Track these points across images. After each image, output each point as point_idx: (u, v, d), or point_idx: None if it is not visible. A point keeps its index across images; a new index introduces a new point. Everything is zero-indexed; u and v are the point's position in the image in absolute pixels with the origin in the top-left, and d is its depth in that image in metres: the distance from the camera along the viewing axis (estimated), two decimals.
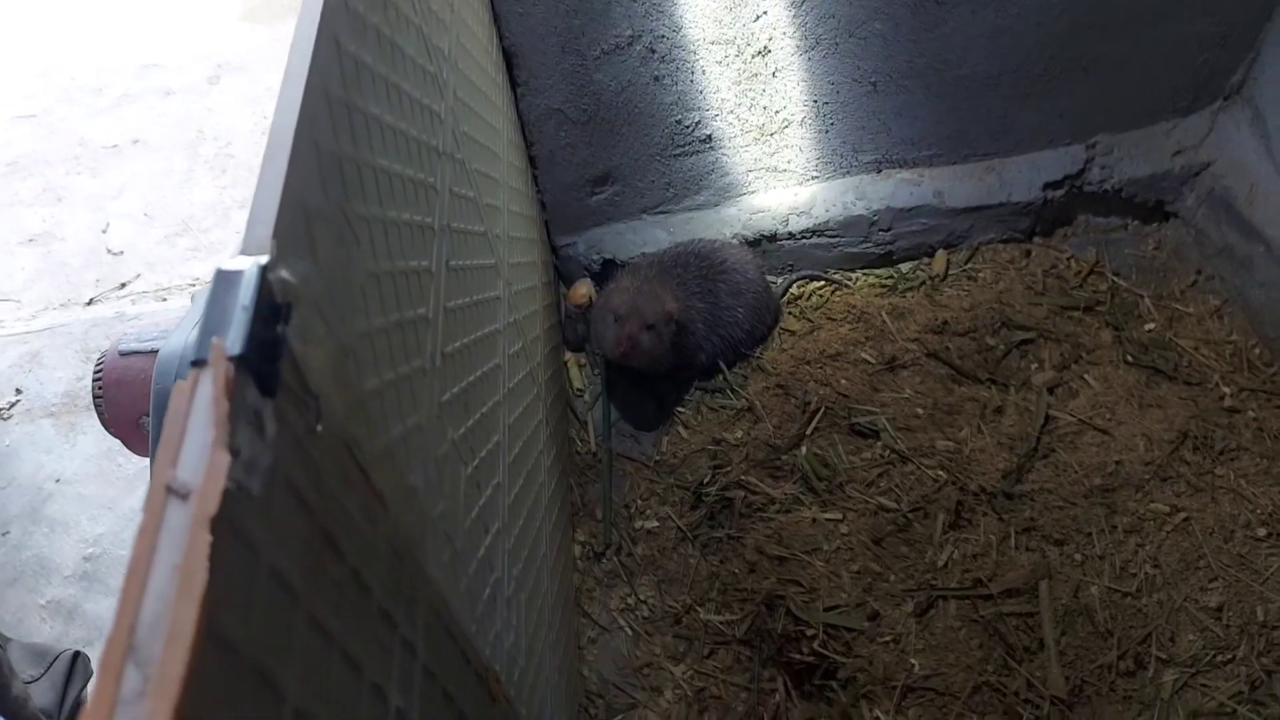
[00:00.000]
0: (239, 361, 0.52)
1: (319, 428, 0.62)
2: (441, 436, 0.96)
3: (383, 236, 0.82)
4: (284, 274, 0.59)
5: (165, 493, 0.48)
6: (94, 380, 1.52)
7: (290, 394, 0.58)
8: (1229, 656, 1.54)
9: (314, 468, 0.61)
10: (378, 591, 0.71)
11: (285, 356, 0.57)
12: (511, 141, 1.84)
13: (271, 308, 0.57)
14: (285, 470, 0.57)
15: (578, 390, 2.28)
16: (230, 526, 0.49)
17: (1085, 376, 1.93)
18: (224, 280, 0.56)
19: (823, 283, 2.34)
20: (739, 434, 2.03)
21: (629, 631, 1.84)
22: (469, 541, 1.03)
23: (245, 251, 0.58)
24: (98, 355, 1.50)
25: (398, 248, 0.87)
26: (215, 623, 0.46)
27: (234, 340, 0.53)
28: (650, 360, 2.03)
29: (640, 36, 1.82)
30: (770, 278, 2.28)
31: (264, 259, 0.57)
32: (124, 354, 1.49)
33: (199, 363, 0.52)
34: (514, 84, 1.88)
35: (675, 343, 2.08)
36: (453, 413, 1.02)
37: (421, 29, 1.11)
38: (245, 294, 0.55)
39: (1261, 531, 1.64)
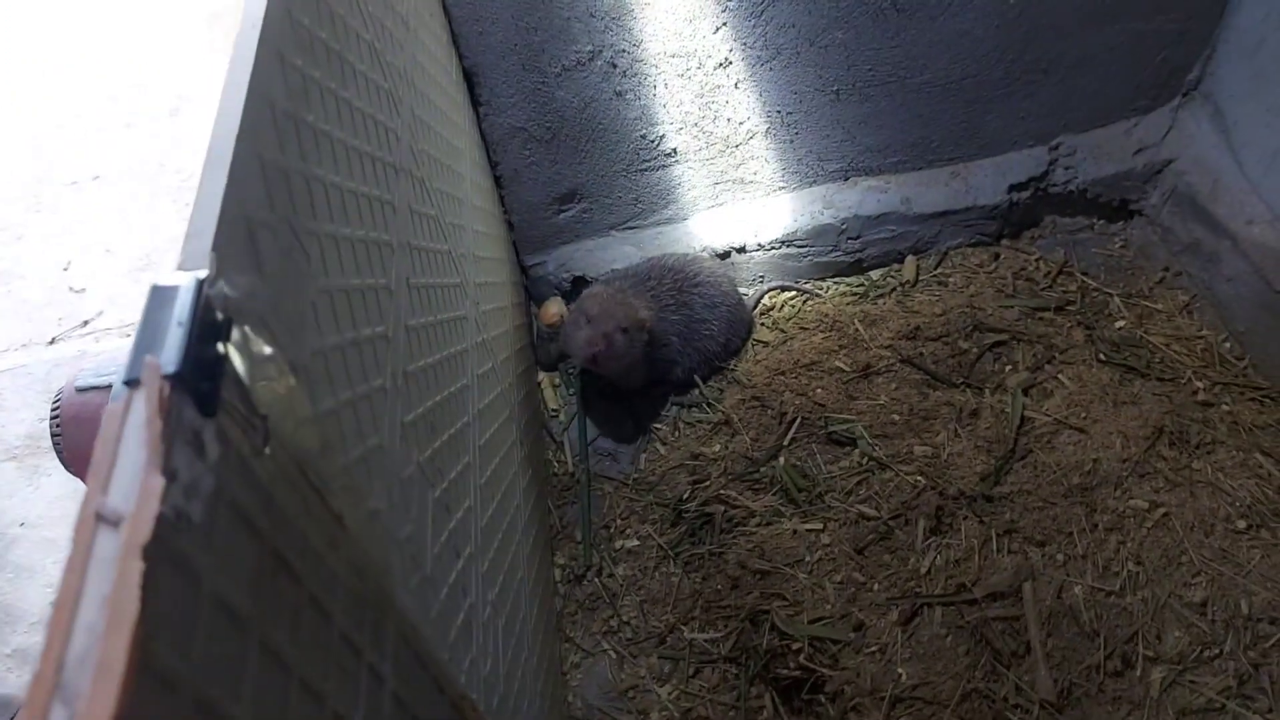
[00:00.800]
0: (175, 380, 0.50)
1: (267, 449, 0.59)
2: (406, 458, 0.93)
3: (335, 253, 0.80)
4: (224, 289, 0.56)
5: (95, 520, 0.46)
6: (51, 418, 1.48)
7: (234, 414, 0.55)
8: (1216, 652, 1.53)
9: (263, 491, 0.59)
10: (340, 618, 0.68)
11: (227, 375, 0.55)
12: (475, 161, 1.83)
13: (210, 324, 0.54)
14: (230, 494, 0.54)
15: (552, 411, 2.25)
16: (167, 554, 0.46)
17: (1059, 376, 1.93)
18: (159, 296, 0.54)
19: (794, 293, 2.34)
20: (716, 448, 2.01)
21: (613, 654, 1.80)
22: (439, 566, 1.00)
23: (183, 266, 0.56)
24: None
25: (352, 264, 0.84)
26: (151, 656, 0.43)
27: (169, 358, 0.50)
28: (623, 366, 2.02)
29: (600, 52, 1.82)
30: (742, 290, 2.27)
31: (202, 273, 0.55)
32: (80, 390, 1.45)
33: (132, 382, 0.50)
34: (476, 103, 1.87)
35: (651, 356, 2.07)
36: (418, 434, 0.99)
37: (374, 45, 1.09)
38: (181, 309, 0.53)
39: (1241, 524, 1.64)
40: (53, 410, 1.47)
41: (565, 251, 2.25)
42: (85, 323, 2.63)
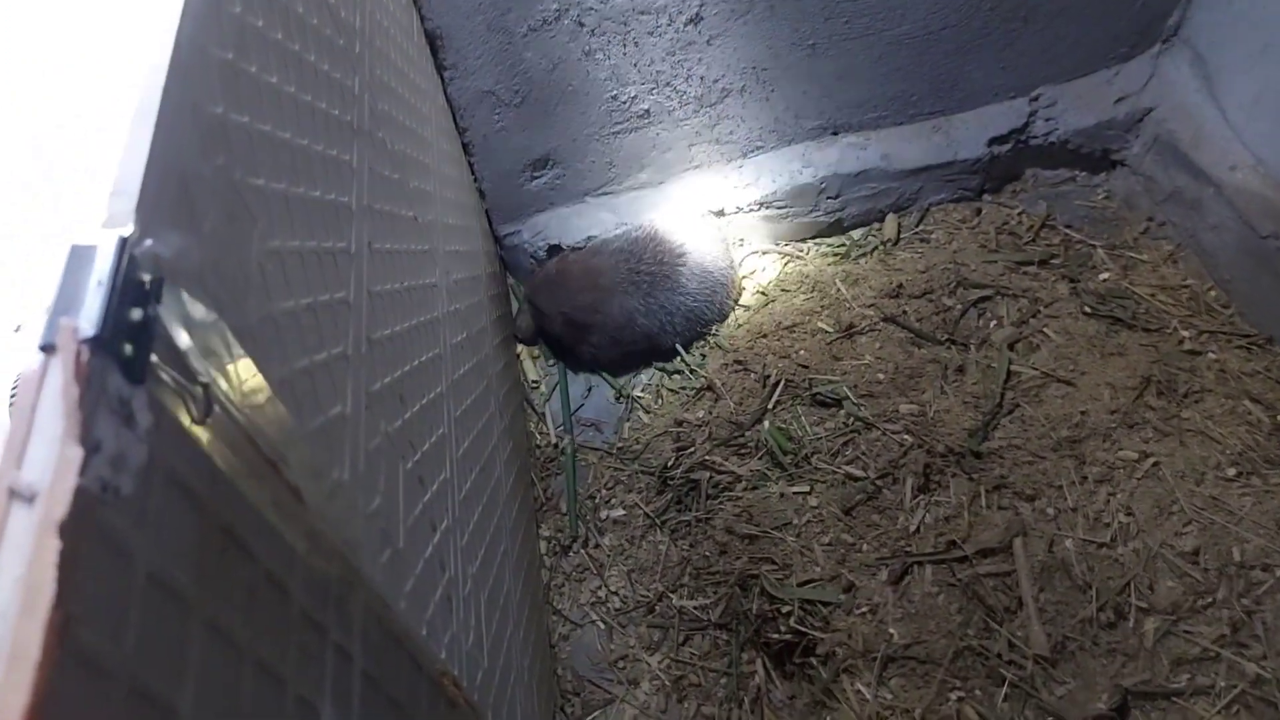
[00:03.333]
0: (94, 344, 0.46)
1: (209, 418, 0.55)
2: (373, 428, 0.89)
3: (286, 212, 0.76)
4: (154, 248, 0.52)
5: (8, 497, 0.42)
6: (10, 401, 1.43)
7: (168, 381, 0.51)
8: (1209, 600, 1.52)
9: (206, 462, 0.55)
10: (299, 594, 0.65)
11: (158, 339, 0.51)
12: (442, 127, 1.77)
13: (136, 285, 0.50)
14: (168, 466, 0.50)
15: (533, 383, 2.21)
16: (91, 530, 0.42)
17: (1045, 330, 1.91)
18: (77, 256, 0.49)
19: (776, 255, 2.30)
20: (700, 414, 1.98)
21: (602, 625, 1.78)
22: (413, 540, 0.97)
23: (107, 224, 0.52)
24: None
25: (305, 225, 0.80)
26: (74, 640, 0.39)
27: (87, 320, 0.46)
28: (590, 343, 2.06)
29: (568, 10, 1.76)
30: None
31: (126, 231, 0.51)
32: None
33: (48, 348, 0.46)
34: (441, 68, 1.81)
35: (638, 332, 2.06)
36: (386, 403, 0.96)
37: (327, 1, 1.04)
38: (101, 269, 0.48)
39: (1231, 471, 1.62)
40: (11, 392, 1.42)
41: (540, 220, 2.20)
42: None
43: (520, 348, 2.26)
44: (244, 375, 0.61)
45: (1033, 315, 1.95)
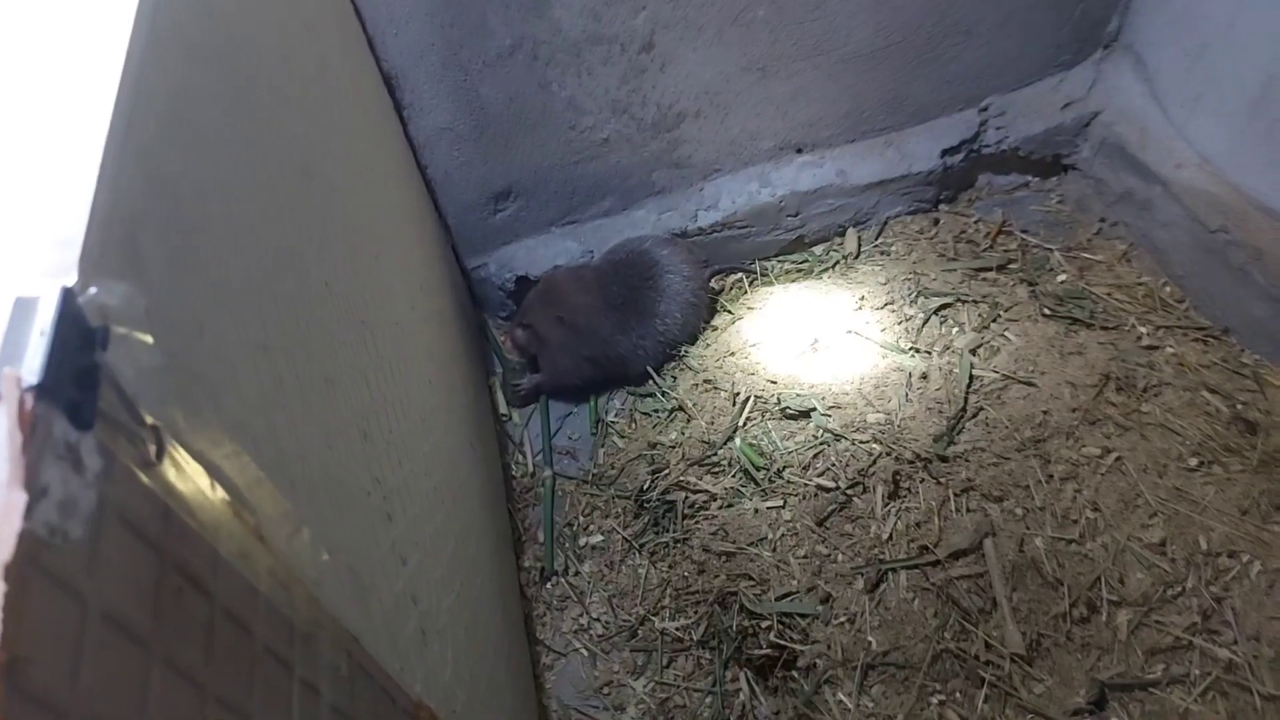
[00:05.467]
0: (39, 392, 0.47)
1: (160, 461, 0.56)
2: (336, 464, 0.90)
3: (236, 256, 0.77)
4: (98, 296, 0.54)
5: None
6: None
7: (116, 425, 0.52)
8: (1179, 590, 1.54)
9: (159, 504, 0.56)
10: (261, 631, 0.65)
11: (105, 385, 0.52)
12: (401, 166, 1.79)
13: (83, 333, 0.51)
14: (119, 508, 0.51)
15: (503, 415, 2.22)
16: (39, 573, 0.44)
17: (1005, 334, 1.94)
18: (21, 306, 0.51)
19: (740, 274, 2.33)
20: (673, 435, 1.99)
21: (585, 652, 1.78)
22: (382, 575, 0.97)
23: (49, 274, 0.53)
24: None
25: (258, 268, 0.81)
26: (25, 680, 0.40)
27: (31, 368, 0.47)
28: (552, 365, 2.09)
29: (521, 43, 1.79)
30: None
31: (69, 280, 0.52)
32: None
33: None
34: (399, 107, 1.83)
35: (612, 355, 2.08)
36: (348, 439, 0.97)
37: (273, 48, 1.06)
38: (45, 318, 0.50)
39: (1193, 461, 1.66)
40: None
41: (506, 252, 2.22)
42: None
43: (493, 379, 2.27)
44: (198, 417, 0.62)
45: (993, 320, 1.98)
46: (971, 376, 1.83)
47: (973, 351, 1.89)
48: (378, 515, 1.01)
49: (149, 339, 0.58)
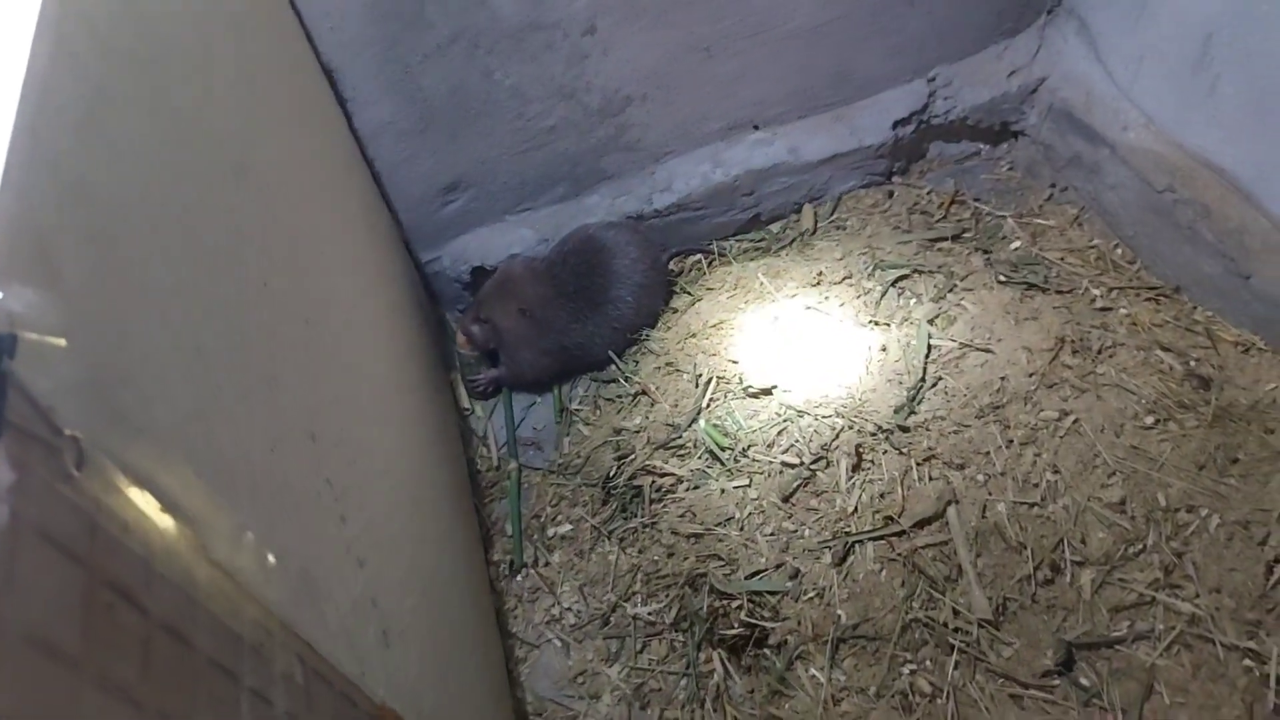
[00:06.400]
0: None
1: (80, 472, 0.54)
2: (281, 467, 0.88)
3: (164, 259, 0.75)
4: (5, 303, 0.51)
5: None
6: None
7: (27, 436, 0.50)
8: (1140, 547, 1.56)
9: (83, 516, 0.54)
10: (204, 643, 0.64)
11: (15, 395, 0.50)
12: (346, 161, 1.76)
13: None
14: (37, 523, 0.49)
15: (464, 410, 2.20)
16: None
17: (962, 303, 1.95)
18: None
19: (698, 255, 2.32)
20: (638, 420, 1.99)
21: (558, 643, 1.78)
22: (338, 578, 0.96)
23: None
24: None
25: (189, 270, 0.79)
26: None
27: None
28: (511, 359, 2.08)
29: (461, 33, 1.76)
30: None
31: None
32: None
33: None
34: (341, 101, 1.80)
35: (570, 344, 2.07)
36: (294, 442, 0.94)
37: (196, 48, 1.03)
38: None
39: (1149, 420, 1.68)
40: None
41: (460, 243, 2.20)
42: None
43: (454, 374, 2.25)
44: (125, 425, 0.60)
45: (950, 289, 1.99)
46: (930, 346, 1.84)
47: (930, 322, 1.90)
48: (330, 517, 0.99)
49: (64, 346, 0.56)
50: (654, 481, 1.85)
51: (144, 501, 0.60)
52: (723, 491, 1.75)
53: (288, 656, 0.76)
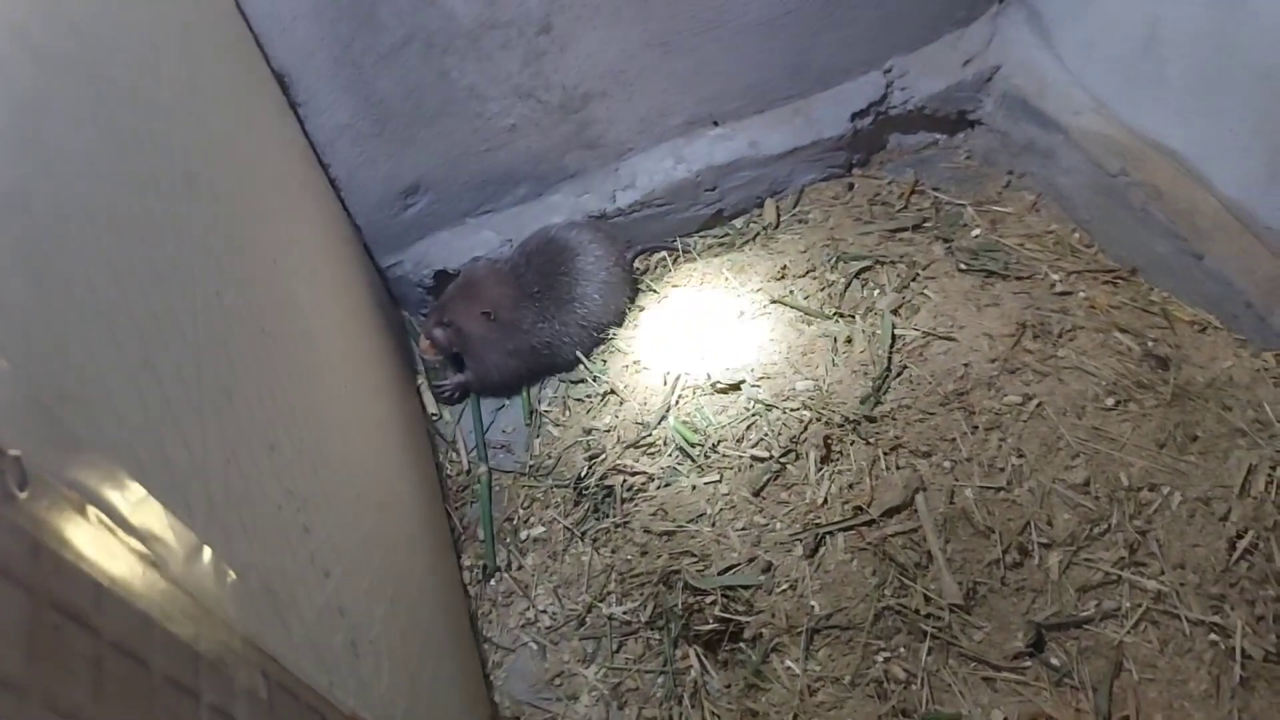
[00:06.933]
0: None
1: (24, 492, 0.53)
2: (238, 479, 0.86)
3: (107, 270, 0.73)
4: None
5: None
6: None
7: None
8: (1104, 527, 1.58)
9: (26, 537, 0.52)
10: (159, 662, 0.62)
11: None
12: (300, 167, 1.74)
13: None
14: None
15: (433, 415, 2.18)
16: None
17: (925, 292, 1.96)
18: None
19: (663, 252, 2.32)
20: (607, 419, 1.98)
21: (534, 646, 1.76)
22: (302, 590, 0.94)
23: None
24: None
25: (133, 282, 0.77)
26: None
27: None
28: (477, 362, 2.07)
29: (414, 34, 1.75)
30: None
31: None
32: None
33: None
34: (294, 105, 1.77)
35: (537, 345, 2.06)
36: (252, 452, 0.93)
37: (139, 55, 1.01)
38: None
39: (1110, 401, 1.70)
40: None
41: (421, 247, 2.18)
42: None
43: (420, 379, 2.23)
44: (68, 443, 0.58)
45: (912, 279, 2.00)
46: (894, 336, 1.85)
47: (894, 312, 1.92)
48: (293, 528, 0.97)
49: (3, 364, 0.54)
50: (625, 480, 1.84)
51: (93, 520, 0.59)
52: (694, 488, 1.75)
53: (250, 671, 0.75)
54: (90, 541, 0.58)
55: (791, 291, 2.04)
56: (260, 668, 0.77)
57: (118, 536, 0.61)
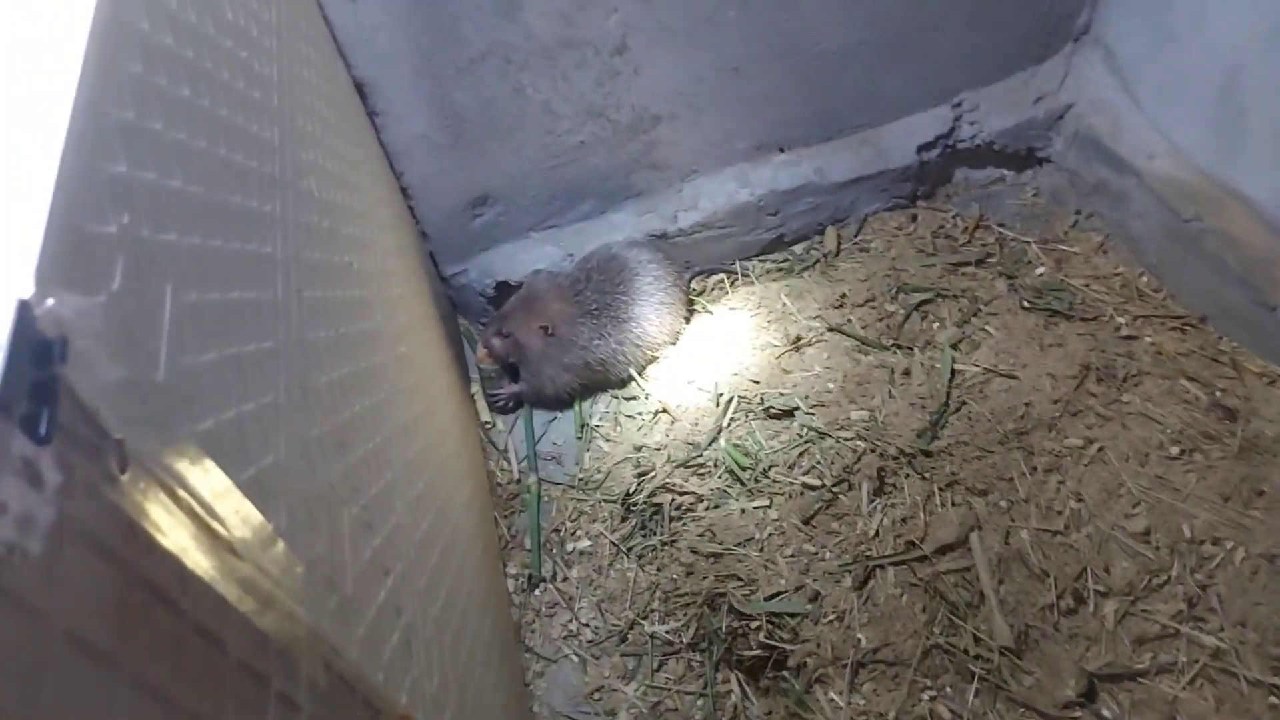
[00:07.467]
0: None
1: (124, 474, 0.55)
2: (311, 475, 0.89)
3: (201, 266, 0.76)
4: (54, 309, 0.52)
5: None
6: None
7: (75, 439, 0.51)
8: (1164, 578, 1.55)
9: (123, 518, 0.55)
10: (234, 645, 0.64)
11: (64, 399, 0.51)
12: (376, 173, 1.78)
13: (40, 345, 0.50)
14: (80, 524, 0.50)
15: (485, 423, 2.21)
16: None
17: (986, 328, 1.95)
18: None
19: (721, 275, 2.33)
20: (658, 437, 1.99)
21: (575, 658, 1.77)
22: (363, 586, 0.96)
23: (6, 286, 0.52)
24: None
25: (224, 277, 0.80)
26: None
27: None
28: (531, 374, 2.09)
29: (493, 49, 1.78)
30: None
31: (25, 293, 0.51)
32: None
33: None
34: (372, 114, 1.82)
35: (592, 362, 2.08)
36: (325, 450, 0.95)
37: (237, 55, 1.05)
38: None
39: (1174, 450, 1.66)
40: None
41: (486, 258, 2.21)
42: None
43: (475, 387, 2.26)
44: (163, 429, 0.61)
45: (973, 314, 1.99)
46: (953, 371, 1.84)
47: (954, 346, 1.90)
48: (357, 525, 1.00)
49: (111, 351, 0.57)
50: (674, 499, 1.84)
51: (183, 505, 0.61)
52: (743, 511, 1.75)
53: (313, 662, 0.76)
54: (179, 526, 0.60)
55: (849, 320, 2.03)
56: (323, 659, 0.78)
57: (204, 523, 0.63)
